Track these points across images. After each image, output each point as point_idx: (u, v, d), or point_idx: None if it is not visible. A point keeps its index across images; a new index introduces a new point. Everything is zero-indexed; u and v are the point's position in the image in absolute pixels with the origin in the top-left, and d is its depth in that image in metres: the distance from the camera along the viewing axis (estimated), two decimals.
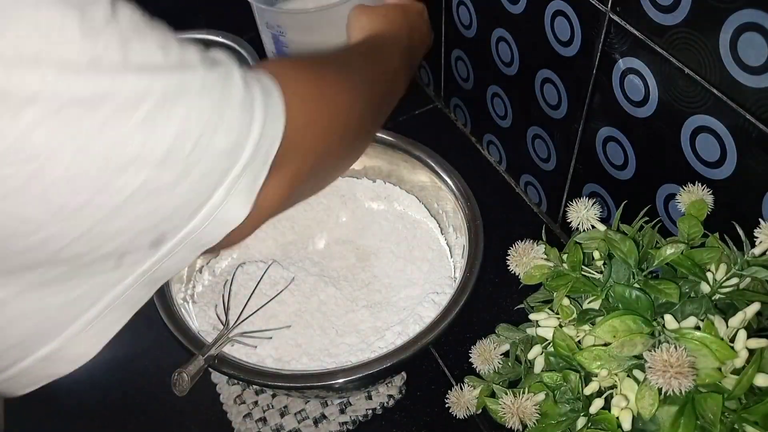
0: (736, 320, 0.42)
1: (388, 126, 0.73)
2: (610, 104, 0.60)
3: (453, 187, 0.67)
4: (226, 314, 0.62)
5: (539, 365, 0.49)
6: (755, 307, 0.42)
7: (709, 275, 0.45)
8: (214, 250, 0.37)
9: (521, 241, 0.48)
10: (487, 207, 0.66)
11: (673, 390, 0.37)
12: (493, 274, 0.69)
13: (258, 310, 0.63)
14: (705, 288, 0.45)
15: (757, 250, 0.43)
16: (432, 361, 0.68)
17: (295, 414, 0.64)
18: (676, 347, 0.38)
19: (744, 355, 0.41)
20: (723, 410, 0.39)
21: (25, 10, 0.27)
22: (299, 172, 0.40)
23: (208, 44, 0.39)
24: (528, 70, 0.70)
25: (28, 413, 0.66)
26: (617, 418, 0.43)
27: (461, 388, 0.52)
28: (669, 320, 0.42)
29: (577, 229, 0.49)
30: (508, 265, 0.48)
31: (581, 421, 0.44)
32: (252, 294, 0.64)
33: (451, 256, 0.69)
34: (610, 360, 0.43)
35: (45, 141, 0.27)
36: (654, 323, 0.42)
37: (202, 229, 0.34)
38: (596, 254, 0.49)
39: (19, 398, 0.39)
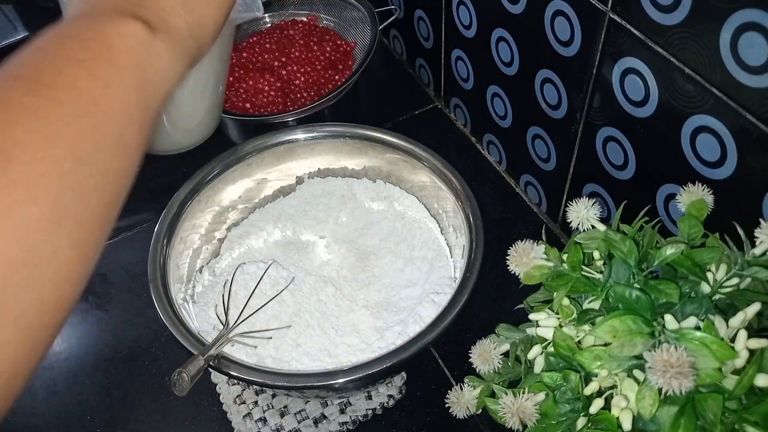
0: (736, 320, 0.42)
1: (388, 126, 0.73)
2: (610, 104, 0.60)
3: (453, 187, 0.67)
4: (226, 314, 0.62)
5: (539, 365, 0.49)
6: (756, 307, 0.42)
7: (709, 275, 0.45)
8: None
9: (521, 241, 0.48)
10: (487, 207, 0.66)
11: (673, 390, 0.37)
12: (493, 274, 0.69)
13: (258, 310, 0.63)
14: (705, 288, 0.45)
15: (757, 250, 0.43)
16: (432, 361, 0.68)
17: (295, 414, 0.64)
18: (676, 347, 0.38)
19: (744, 355, 0.41)
20: (723, 410, 0.39)
21: None
22: None
23: None
24: (528, 70, 0.70)
25: (27, 415, 0.66)
26: (617, 418, 0.43)
27: (461, 388, 0.51)
28: (669, 320, 0.42)
29: (577, 229, 0.49)
30: (508, 265, 0.48)
31: (581, 421, 0.44)
32: (252, 294, 0.64)
33: (451, 256, 0.69)
34: (610, 360, 0.43)
35: None
36: (654, 323, 0.42)
37: None
38: (596, 254, 0.49)
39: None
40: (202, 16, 0.38)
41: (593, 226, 0.48)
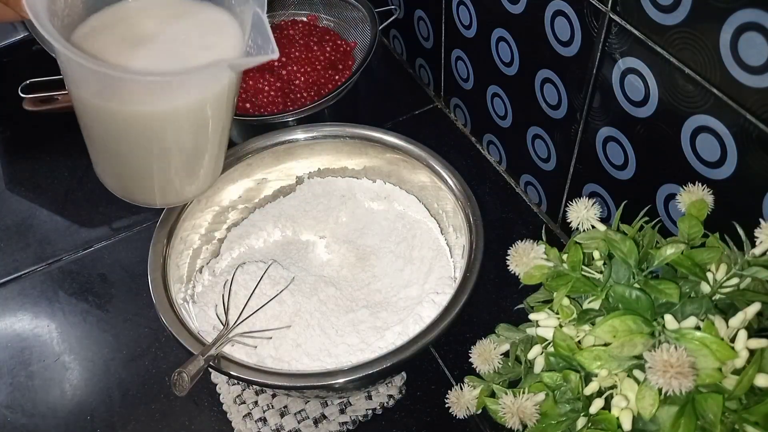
0: (736, 320, 0.42)
1: (388, 126, 0.73)
2: (610, 104, 0.60)
3: (453, 187, 0.67)
4: (226, 314, 0.62)
5: (539, 365, 0.49)
6: (756, 307, 0.42)
7: (709, 275, 0.45)
8: None
9: (521, 241, 0.48)
10: (487, 207, 0.66)
11: (673, 390, 0.37)
12: (493, 274, 0.69)
13: (258, 310, 0.63)
14: (705, 288, 0.45)
15: (757, 250, 0.43)
16: (432, 361, 0.68)
17: (295, 414, 0.64)
18: (676, 347, 0.38)
19: (744, 355, 0.41)
20: (723, 410, 0.39)
21: None
22: None
23: None
24: (528, 70, 0.70)
25: (28, 415, 0.66)
26: (617, 418, 0.43)
27: (461, 388, 0.52)
28: (669, 320, 0.42)
29: (577, 229, 0.49)
30: (508, 265, 0.48)
31: (581, 421, 0.44)
32: (252, 294, 0.64)
33: (451, 256, 0.69)
34: (610, 360, 0.43)
35: None
36: (654, 323, 0.42)
37: None
38: (596, 254, 0.49)
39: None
40: None
41: (593, 226, 0.48)
